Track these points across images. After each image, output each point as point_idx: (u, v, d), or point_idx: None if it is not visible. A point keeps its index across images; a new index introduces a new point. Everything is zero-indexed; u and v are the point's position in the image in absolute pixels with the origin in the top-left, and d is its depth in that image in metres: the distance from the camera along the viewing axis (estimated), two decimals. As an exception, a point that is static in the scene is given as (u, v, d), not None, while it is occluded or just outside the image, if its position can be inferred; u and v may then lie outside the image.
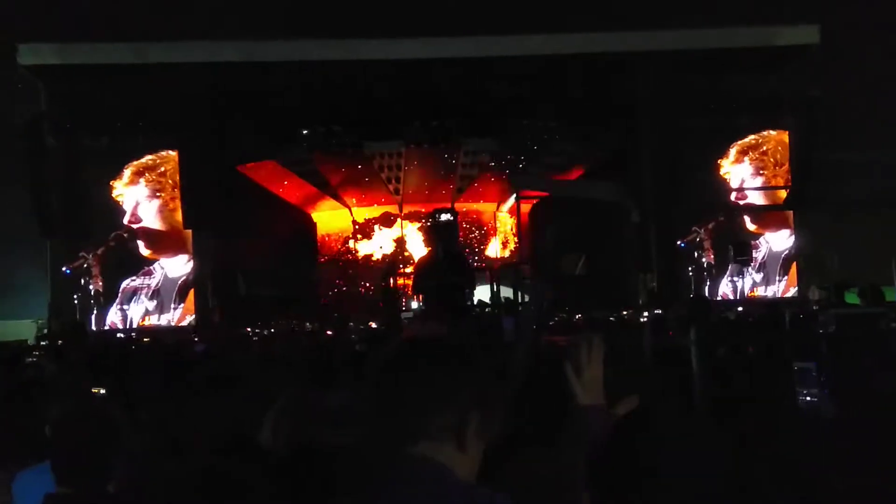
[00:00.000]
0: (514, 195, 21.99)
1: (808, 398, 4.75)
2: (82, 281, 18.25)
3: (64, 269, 18.20)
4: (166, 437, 3.83)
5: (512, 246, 23.14)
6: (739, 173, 20.32)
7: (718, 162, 20.19)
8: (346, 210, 22.99)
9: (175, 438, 3.78)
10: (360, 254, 22.92)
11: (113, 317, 18.63)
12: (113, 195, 18.93)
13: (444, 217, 15.02)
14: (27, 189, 18.19)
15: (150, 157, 19.18)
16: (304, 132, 20.40)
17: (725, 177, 20.28)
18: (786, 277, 20.14)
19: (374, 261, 22.65)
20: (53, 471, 3.02)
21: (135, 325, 18.61)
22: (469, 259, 18.56)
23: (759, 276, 20.08)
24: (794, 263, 20.11)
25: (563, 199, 20.79)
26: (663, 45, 18.91)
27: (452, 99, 19.41)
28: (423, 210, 21.99)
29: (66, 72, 18.32)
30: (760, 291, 20.05)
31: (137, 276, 18.84)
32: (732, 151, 20.24)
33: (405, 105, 19.56)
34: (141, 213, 19.08)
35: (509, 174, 21.78)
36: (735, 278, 19.90)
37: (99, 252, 18.54)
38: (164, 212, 19.20)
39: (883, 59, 17.93)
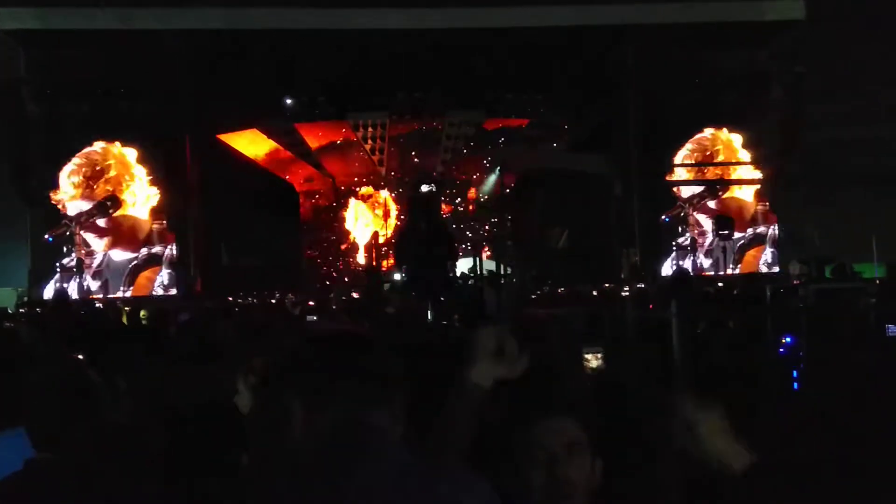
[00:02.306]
0: (498, 167, 21.95)
1: None
2: (64, 249, 18.13)
3: (46, 236, 18.04)
4: (146, 404, 3.82)
5: (495, 218, 23.14)
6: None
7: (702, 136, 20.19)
8: (329, 180, 22.92)
9: (155, 405, 3.77)
10: (343, 224, 22.87)
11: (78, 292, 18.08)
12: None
13: (427, 188, 15.02)
14: (6, 156, 18.00)
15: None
16: (288, 101, 20.27)
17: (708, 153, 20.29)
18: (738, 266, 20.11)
19: (356, 231, 22.62)
20: (31, 436, 3.00)
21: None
22: (452, 231, 18.57)
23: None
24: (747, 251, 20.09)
25: (546, 173, 20.78)
26: (649, 18, 18.82)
27: (437, 71, 19.30)
28: (407, 181, 21.96)
29: (47, 37, 18.08)
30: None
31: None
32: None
33: (390, 76, 19.45)
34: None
35: (493, 146, 21.74)
36: (715, 253, 19.91)
37: (81, 220, 18.39)
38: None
39: (867, 36, 17.92)
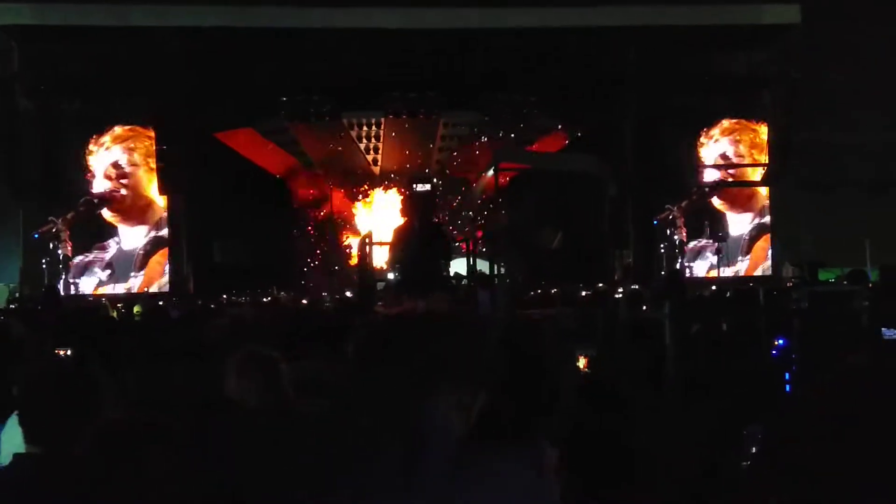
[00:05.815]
0: (493, 167, 21.92)
1: None
2: (51, 245, 18.00)
3: (33, 234, 17.95)
4: (137, 400, 3.80)
5: (488, 219, 23.10)
6: (717, 151, 20.29)
7: (697, 139, 20.19)
8: (324, 179, 22.88)
9: (145, 401, 3.76)
10: (337, 223, 22.82)
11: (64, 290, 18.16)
12: (85, 159, 18.72)
13: (422, 188, 15.02)
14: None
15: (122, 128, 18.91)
16: (283, 100, 20.23)
17: (703, 154, 20.27)
18: (748, 257, 20.03)
19: (350, 231, 22.58)
20: (23, 429, 2.99)
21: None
22: (446, 231, 18.56)
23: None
24: (755, 243, 20.00)
25: (541, 173, 20.77)
26: (644, 20, 18.83)
27: (433, 70, 19.29)
28: (401, 181, 21.93)
29: (41, 32, 18.02)
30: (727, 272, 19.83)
31: (91, 252, 18.59)
32: (714, 131, 20.13)
33: (385, 75, 19.43)
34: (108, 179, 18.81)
35: (488, 146, 21.70)
36: (706, 255, 19.77)
37: (69, 217, 18.31)
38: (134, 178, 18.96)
39: (863, 41, 17.97)
